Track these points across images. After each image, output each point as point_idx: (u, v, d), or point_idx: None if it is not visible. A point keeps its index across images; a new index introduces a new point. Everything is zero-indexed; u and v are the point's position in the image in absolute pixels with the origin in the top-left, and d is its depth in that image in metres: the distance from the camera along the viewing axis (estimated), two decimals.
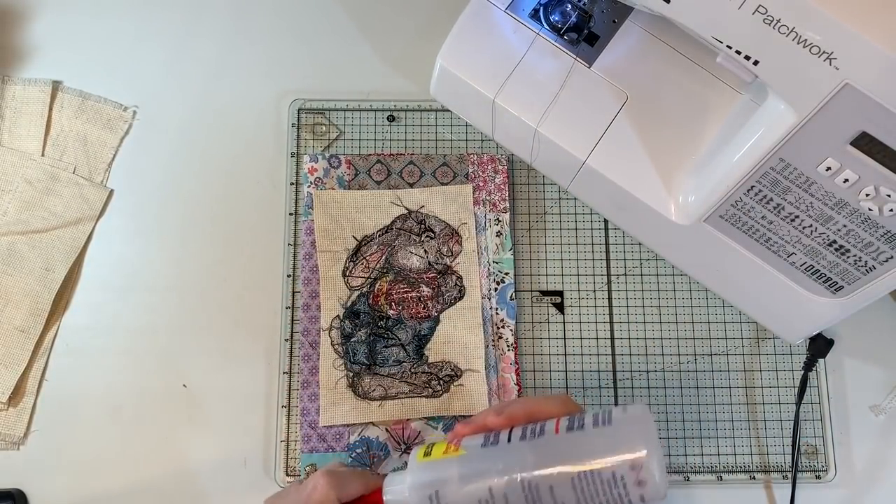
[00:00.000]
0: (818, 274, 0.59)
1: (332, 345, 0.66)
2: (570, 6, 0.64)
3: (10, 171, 0.69)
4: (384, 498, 0.48)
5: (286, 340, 0.67)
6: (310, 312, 0.66)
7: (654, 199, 0.63)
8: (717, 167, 0.58)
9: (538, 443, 0.45)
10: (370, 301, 0.67)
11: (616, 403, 0.66)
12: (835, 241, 0.55)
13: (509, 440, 0.46)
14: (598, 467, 0.43)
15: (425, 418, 0.65)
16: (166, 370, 0.67)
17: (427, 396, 0.65)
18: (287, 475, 0.64)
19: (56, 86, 0.71)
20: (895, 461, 0.67)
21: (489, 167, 0.70)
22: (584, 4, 0.64)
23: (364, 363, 0.65)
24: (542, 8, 0.64)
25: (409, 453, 0.63)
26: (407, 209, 0.69)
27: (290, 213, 0.69)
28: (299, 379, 0.65)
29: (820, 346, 0.67)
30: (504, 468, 0.44)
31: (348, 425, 0.64)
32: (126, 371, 0.66)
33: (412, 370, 0.65)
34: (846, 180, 0.51)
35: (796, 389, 0.67)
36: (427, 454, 0.48)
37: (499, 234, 0.68)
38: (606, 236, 0.70)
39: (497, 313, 0.67)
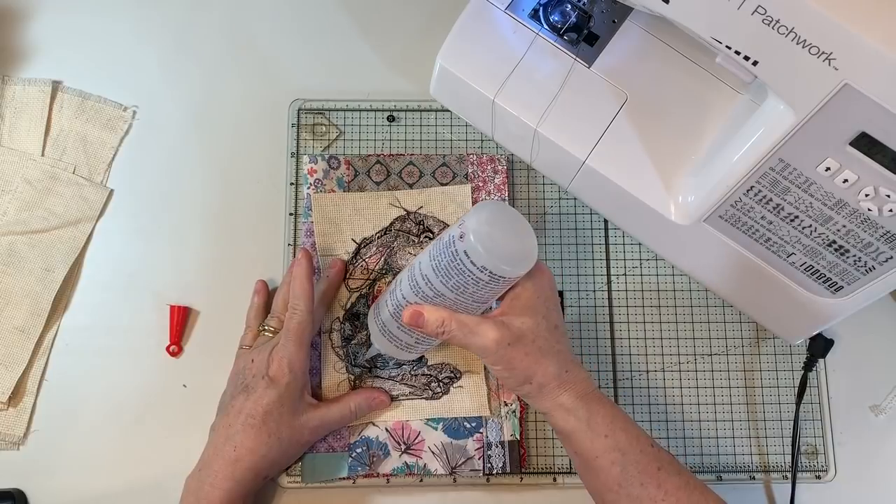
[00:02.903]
0: (818, 274, 0.59)
1: (333, 347, 0.66)
2: (569, 6, 0.64)
3: (10, 171, 0.69)
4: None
5: None
6: None
7: (654, 199, 0.63)
8: (716, 167, 0.58)
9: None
10: (370, 302, 0.67)
11: (616, 401, 0.66)
12: (834, 242, 0.55)
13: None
14: (439, 237, 0.56)
15: (425, 419, 0.65)
16: (166, 370, 0.67)
17: (427, 398, 0.65)
18: (287, 475, 0.64)
19: (56, 86, 0.71)
20: (895, 461, 0.67)
21: (489, 167, 0.70)
22: (584, 4, 0.64)
23: (365, 366, 0.65)
24: (541, 8, 0.64)
25: (409, 453, 0.64)
26: (406, 210, 0.68)
27: (290, 214, 0.69)
28: None
29: (820, 346, 0.67)
30: (407, 268, 0.59)
31: (348, 425, 0.64)
32: (126, 371, 0.66)
33: (412, 372, 0.65)
34: (846, 180, 0.51)
35: (796, 389, 0.67)
36: None
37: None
38: (606, 236, 0.70)
39: None
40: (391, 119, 0.72)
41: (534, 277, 0.56)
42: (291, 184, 0.70)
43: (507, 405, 0.65)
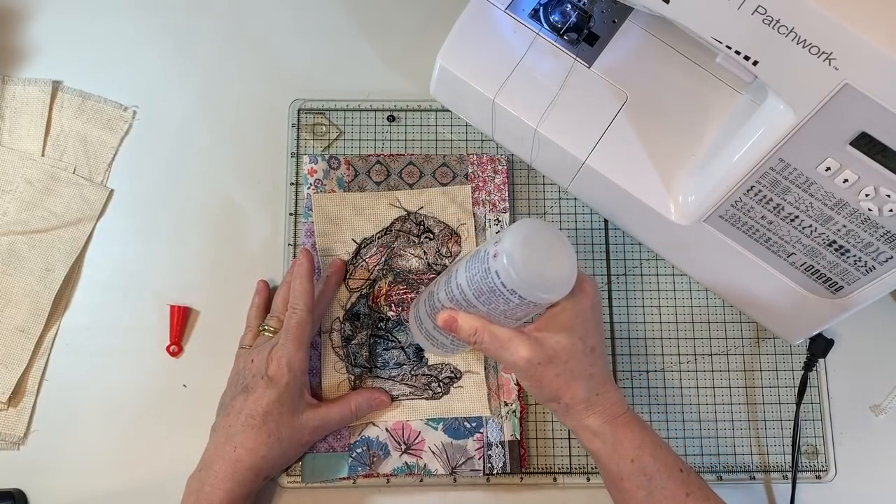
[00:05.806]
0: (818, 274, 0.59)
1: (333, 347, 0.66)
2: (570, 6, 0.64)
3: (10, 171, 0.69)
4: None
5: None
6: None
7: (654, 199, 0.63)
8: (717, 167, 0.58)
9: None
10: (370, 302, 0.67)
11: None
12: (834, 242, 0.55)
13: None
14: (478, 250, 0.55)
15: (425, 419, 0.65)
16: (166, 370, 0.67)
17: (427, 398, 0.65)
18: (287, 475, 0.64)
19: (56, 86, 0.71)
20: (895, 461, 0.67)
21: (489, 167, 0.70)
22: (584, 4, 0.64)
23: (365, 366, 0.65)
24: (541, 8, 0.64)
25: (409, 453, 0.64)
26: (406, 210, 0.68)
27: (291, 214, 0.69)
28: None
29: (820, 346, 0.67)
30: (446, 271, 0.59)
31: (348, 425, 0.64)
32: (126, 371, 0.66)
33: (412, 372, 0.65)
34: (846, 180, 0.51)
35: (796, 389, 0.67)
36: None
37: (498, 234, 0.68)
38: (606, 236, 0.70)
39: None
40: (391, 119, 0.72)
41: (575, 296, 0.54)
42: (291, 184, 0.70)
43: (507, 405, 0.65)
